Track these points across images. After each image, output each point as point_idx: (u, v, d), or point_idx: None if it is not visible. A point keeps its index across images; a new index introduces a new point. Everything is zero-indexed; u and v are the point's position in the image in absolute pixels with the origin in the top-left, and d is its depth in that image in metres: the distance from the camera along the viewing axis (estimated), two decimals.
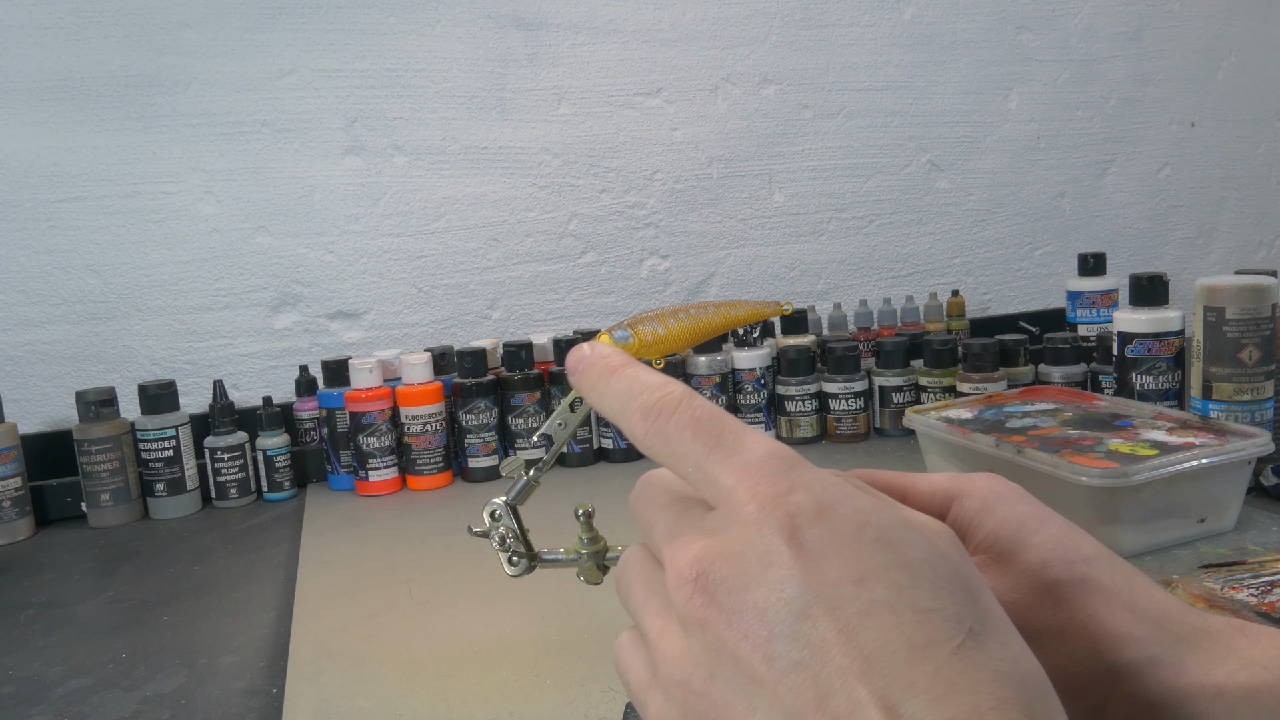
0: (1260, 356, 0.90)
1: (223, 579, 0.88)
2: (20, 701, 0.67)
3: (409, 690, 0.62)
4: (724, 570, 0.26)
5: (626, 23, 1.40)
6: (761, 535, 0.25)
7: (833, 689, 0.23)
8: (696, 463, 0.28)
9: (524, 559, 0.51)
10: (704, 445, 0.28)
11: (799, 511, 0.26)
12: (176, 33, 1.21)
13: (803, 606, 0.24)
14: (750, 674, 0.25)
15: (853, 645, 0.23)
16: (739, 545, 0.26)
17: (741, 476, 0.27)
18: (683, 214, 1.46)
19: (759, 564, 0.25)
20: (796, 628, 0.24)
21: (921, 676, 0.23)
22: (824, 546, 0.25)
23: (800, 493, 0.26)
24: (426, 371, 1.11)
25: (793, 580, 0.24)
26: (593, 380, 0.32)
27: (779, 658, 0.24)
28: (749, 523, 0.26)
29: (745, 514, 0.26)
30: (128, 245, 1.22)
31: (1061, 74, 1.65)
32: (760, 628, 0.24)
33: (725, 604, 0.25)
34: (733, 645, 0.25)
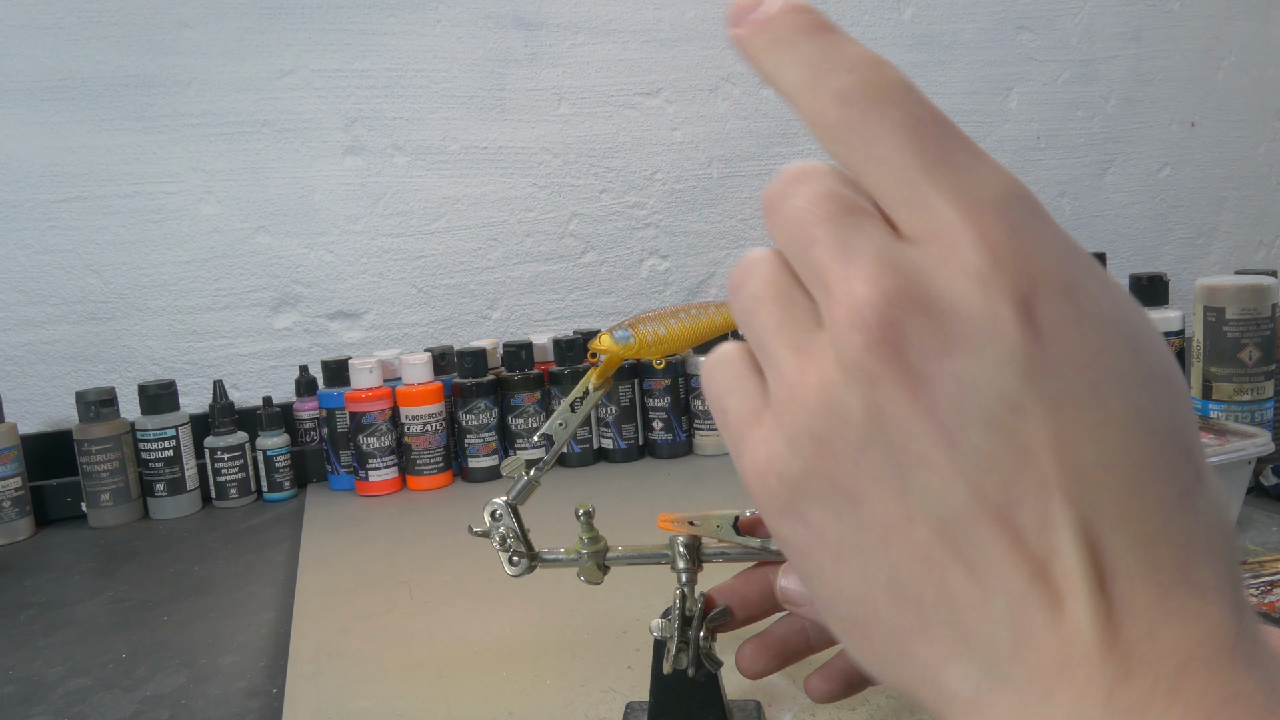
0: (1260, 356, 0.90)
1: (223, 579, 0.88)
2: (20, 701, 0.67)
3: (409, 690, 0.62)
4: (924, 325, 0.20)
5: (626, 23, 1.40)
6: (987, 296, 0.20)
7: (1024, 498, 0.20)
8: (907, 177, 0.22)
9: (524, 559, 0.51)
10: (922, 156, 0.22)
11: (1041, 279, 0.20)
12: (176, 33, 1.21)
13: (1018, 397, 0.20)
14: (920, 454, 0.20)
15: (1068, 456, 0.20)
16: (952, 300, 0.20)
17: (971, 212, 0.21)
18: (683, 214, 1.46)
19: (975, 329, 0.20)
20: (1002, 418, 0.20)
21: (1138, 510, 0.20)
22: (1063, 332, 0.20)
23: (1046, 257, 0.21)
24: (426, 371, 1.11)
25: (1013, 361, 0.20)
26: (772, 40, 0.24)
27: (968, 446, 0.20)
28: (973, 275, 0.20)
29: (969, 262, 0.20)
30: (128, 245, 1.22)
31: (1061, 74, 1.65)
32: (954, 406, 0.20)
33: (915, 366, 0.20)
34: (909, 416, 0.20)
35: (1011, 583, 0.20)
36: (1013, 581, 0.20)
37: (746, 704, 0.53)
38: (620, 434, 1.16)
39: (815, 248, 0.22)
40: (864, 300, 0.21)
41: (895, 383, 0.20)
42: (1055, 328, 0.20)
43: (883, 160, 0.22)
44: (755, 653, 0.44)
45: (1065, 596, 0.19)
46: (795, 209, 0.23)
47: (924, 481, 0.20)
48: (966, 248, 0.20)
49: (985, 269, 0.20)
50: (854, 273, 0.21)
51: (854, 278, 0.21)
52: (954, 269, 0.21)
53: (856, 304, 0.21)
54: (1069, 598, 0.19)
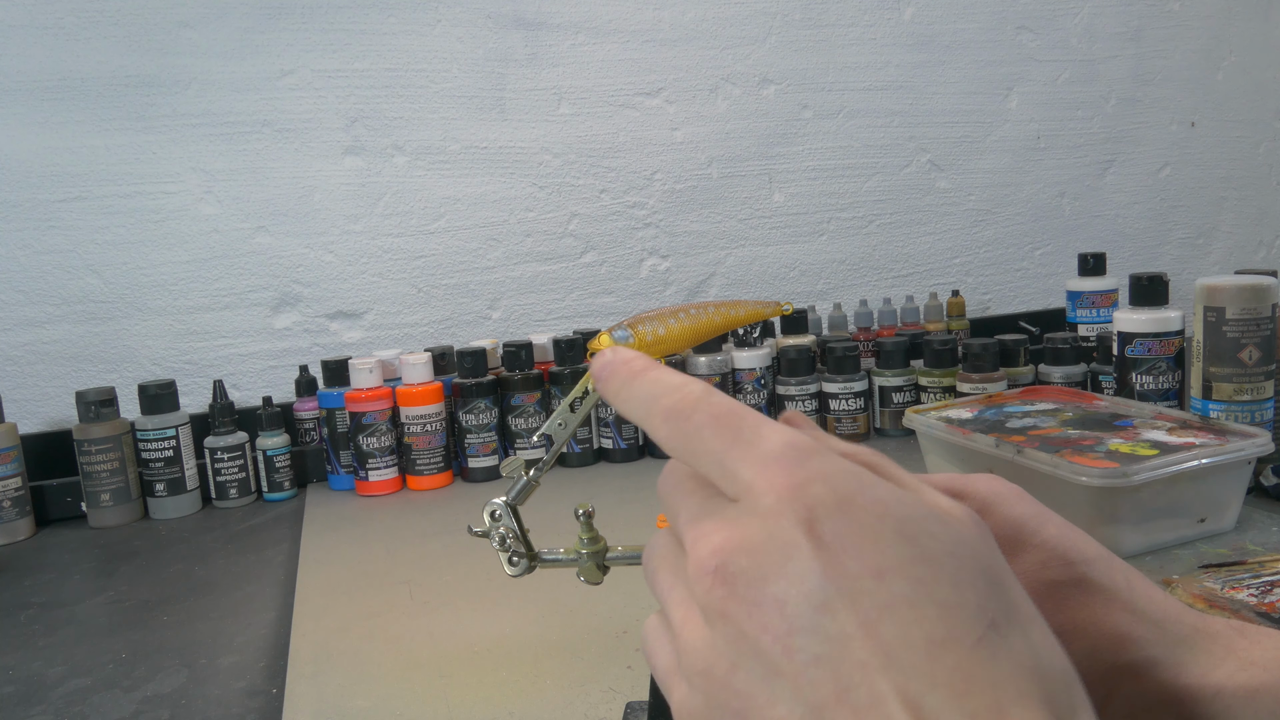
0: (1260, 356, 0.90)
1: (223, 579, 0.88)
2: (20, 701, 0.67)
3: (409, 690, 0.62)
4: (744, 562, 0.25)
5: (626, 23, 1.40)
6: (780, 528, 0.25)
7: (854, 682, 0.23)
8: (718, 459, 0.28)
9: (524, 559, 0.51)
10: (723, 441, 0.28)
11: (817, 503, 0.25)
12: (176, 33, 1.21)
13: (822, 600, 0.24)
14: (771, 666, 0.24)
15: (873, 639, 0.23)
16: (758, 537, 0.25)
17: (760, 469, 0.26)
18: (683, 214, 1.46)
19: (778, 556, 0.25)
20: (816, 621, 0.24)
21: (941, 670, 0.23)
22: (843, 539, 0.25)
23: (818, 484, 0.26)
24: (426, 371, 1.11)
25: (812, 573, 0.24)
26: (617, 386, 0.32)
27: (799, 650, 0.24)
28: (768, 515, 0.26)
29: (764, 506, 0.26)
30: (128, 245, 1.22)
31: (1061, 74, 1.65)
32: (780, 620, 0.24)
33: (745, 596, 0.25)
34: (754, 637, 0.25)
35: None
36: None
37: None
38: (620, 434, 1.16)
39: (677, 519, 0.29)
40: (703, 554, 0.26)
41: (738, 613, 0.25)
42: (837, 538, 0.25)
43: (702, 452, 0.28)
44: None
45: None
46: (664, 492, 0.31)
47: (781, 688, 0.24)
48: (760, 496, 0.26)
49: (774, 507, 0.25)
50: (697, 534, 0.27)
51: (697, 538, 0.27)
52: (756, 514, 0.26)
53: (699, 559, 0.26)
54: None
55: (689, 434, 0.29)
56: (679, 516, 0.29)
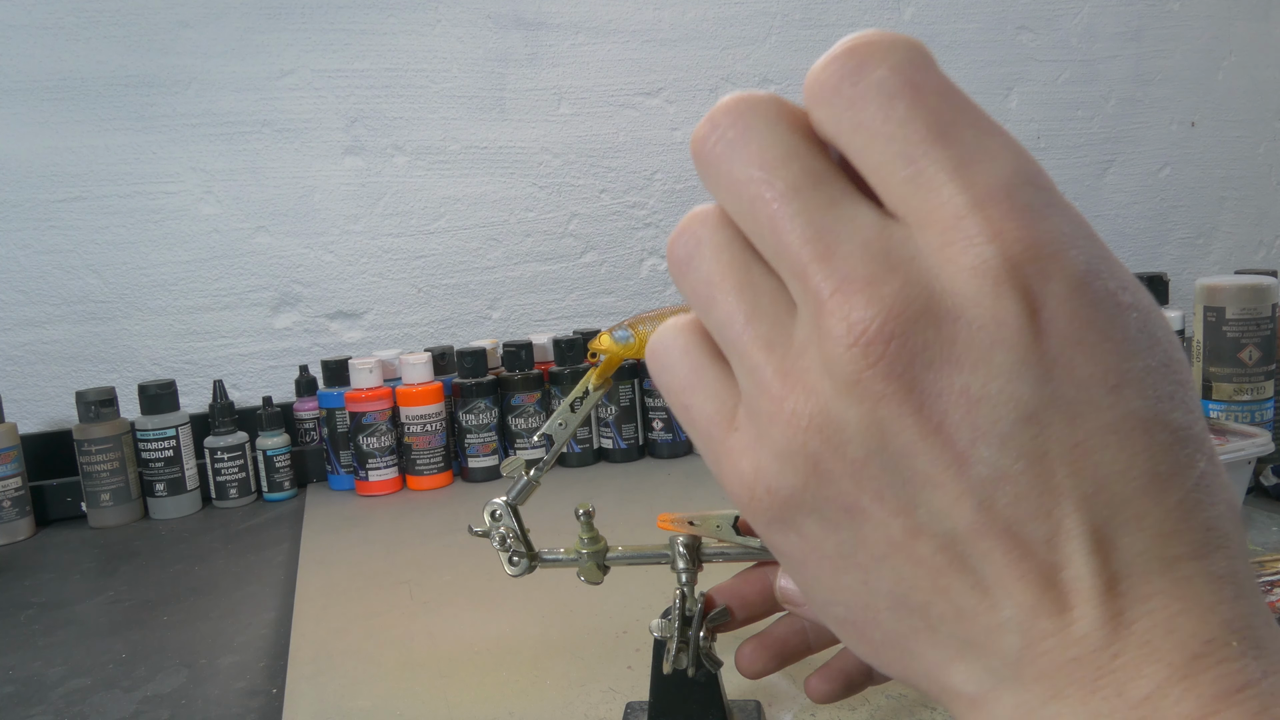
0: (1260, 356, 0.90)
1: (223, 579, 0.88)
2: (20, 701, 0.67)
3: (409, 690, 0.62)
4: (928, 337, 0.19)
5: (626, 23, 1.40)
6: (995, 296, 0.19)
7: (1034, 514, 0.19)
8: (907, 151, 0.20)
9: (524, 559, 0.51)
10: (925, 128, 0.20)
11: (1054, 273, 0.19)
12: (176, 33, 1.21)
13: (1034, 408, 0.19)
14: (926, 473, 0.19)
15: (1086, 465, 0.19)
16: (958, 302, 0.19)
17: (979, 198, 0.19)
18: (683, 214, 1.45)
19: (985, 338, 0.19)
20: (1016, 432, 0.19)
21: (1156, 509, 0.19)
22: (1079, 332, 0.19)
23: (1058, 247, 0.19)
24: (426, 371, 1.11)
25: (1029, 371, 0.19)
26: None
27: (979, 463, 0.19)
28: (980, 272, 0.19)
29: (976, 257, 0.19)
30: (128, 245, 1.22)
31: (1061, 74, 1.65)
32: (965, 422, 0.19)
33: (921, 381, 0.19)
34: (914, 435, 0.19)
35: (1019, 594, 0.19)
36: (1020, 593, 0.19)
37: (746, 704, 0.53)
38: (620, 434, 1.16)
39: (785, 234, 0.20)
40: (862, 315, 0.19)
41: (899, 400, 0.19)
42: (1070, 328, 0.19)
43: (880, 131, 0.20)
44: (755, 653, 0.44)
45: (1074, 602, 0.19)
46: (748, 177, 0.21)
47: (930, 500, 0.20)
48: (974, 239, 0.19)
49: (993, 265, 0.19)
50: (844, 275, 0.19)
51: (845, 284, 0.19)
52: (959, 264, 0.19)
53: (854, 320, 0.19)
54: (1077, 603, 0.19)
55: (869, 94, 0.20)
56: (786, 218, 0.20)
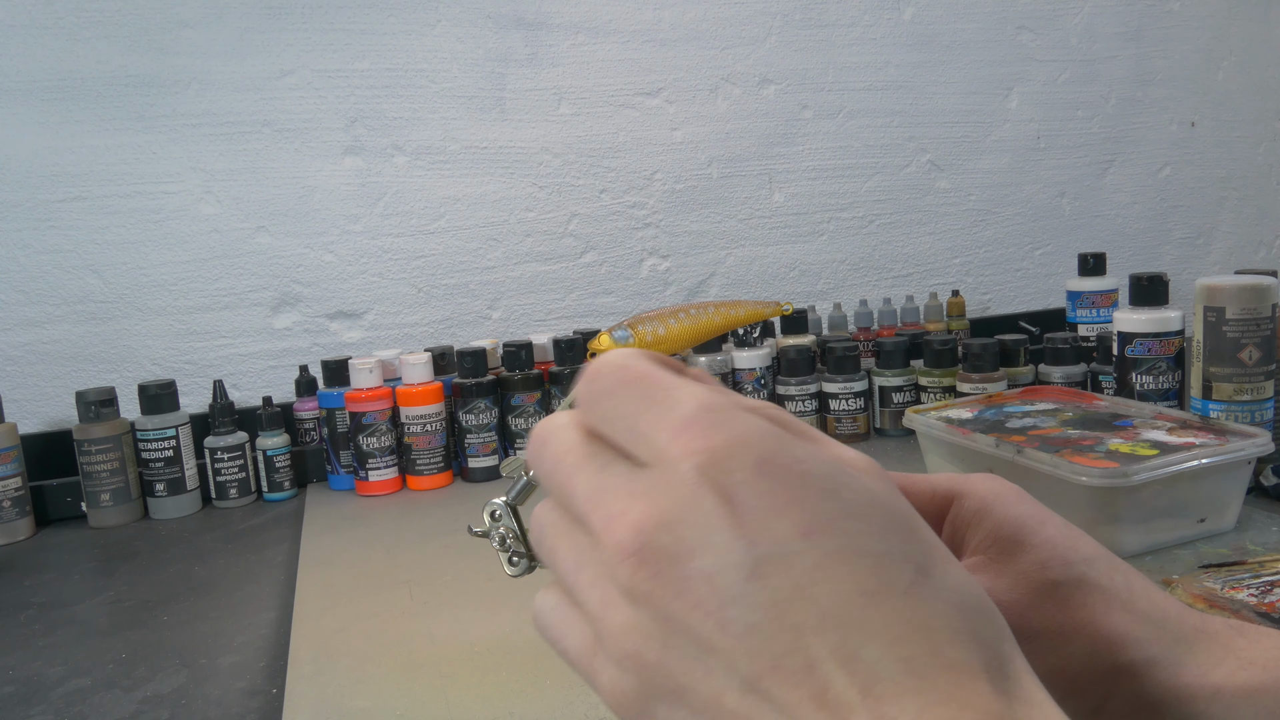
0: (1260, 356, 0.90)
1: (223, 579, 0.88)
2: (20, 701, 0.67)
3: (409, 690, 0.62)
4: (665, 539, 0.24)
5: (626, 23, 1.40)
6: (701, 497, 0.24)
7: (789, 647, 0.23)
8: (629, 424, 0.27)
9: (524, 559, 0.51)
10: (635, 404, 0.27)
11: (737, 468, 0.24)
12: (176, 33, 1.21)
13: (752, 568, 0.24)
14: (705, 643, 0.24)
15: (807, 599, 0.23)
16: (678, 510, 0.25)
17: (674, 434, 0.25)
18: (683, 214, 1.46)
19: (701, 529, 0.24)
20: (747, 590, 0.24)
21: (877, 620, 0.23)
22: (768, 502, 0.24)
23: (736, 448, 0.25)
24: (426, 371, 1.11)
25: (739, 542, 0.24)
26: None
27: (733, 622, 0.24)
28: (684, 484, 0.25)
29: (680, 475, 0.25)
30: (128, 245, 1.22)
31: (1061, 74, 1.65)
32: (710, 595, 0.24)
33: (671, 575, 0.24)
34: (684, 616, 0.24)
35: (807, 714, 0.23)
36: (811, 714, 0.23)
37: None
38: None
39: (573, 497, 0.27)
40: (622, 537, 0.25)
41: (665, 593, 0.24)
42: (759, 501, 0.24)
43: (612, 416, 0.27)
44: None
45: (848, 711, 0.22)
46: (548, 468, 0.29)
47: (716, 662, 0.24)
48: (675, 461, 0.25)
49: (689, 476, 0.25)
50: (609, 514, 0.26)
51: (610, 519, 0.26)
52: (673, 484, 0.25)
53: (618, 541, 0.25)
54: (850, 710, 0.22)
55: (599, 396, 0.28)
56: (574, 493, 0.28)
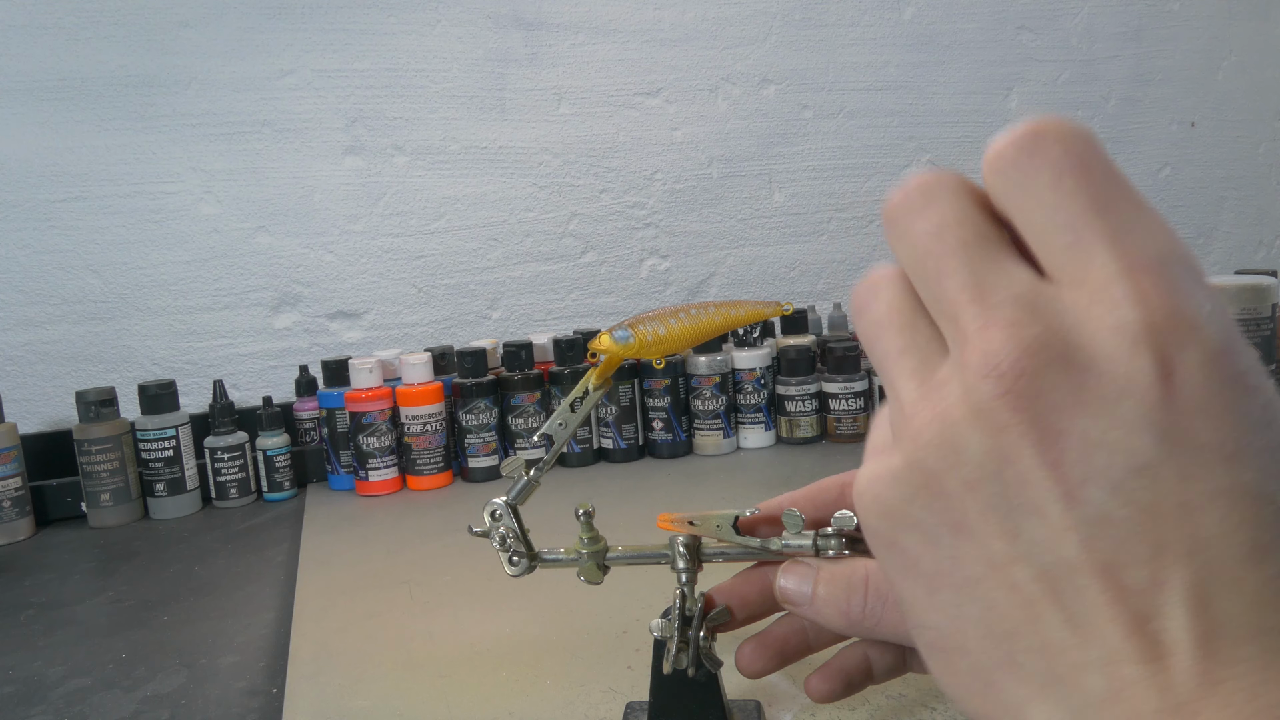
0: (1260, 356, 0.90)
1: (223, 579, 0.88)
2: (20, 701, 0.67)
3: (409, 690, 0.62)
4: (1059, 379, 0.20)
5: (626, 23, 1.40)
6: (1132, 353, 0.20)
7: (1135, 560, 0.20)
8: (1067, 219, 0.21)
9: (524, 559, 0.51)
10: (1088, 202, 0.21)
11: (1190, 342, 0.20)
12: (176, 33, 1.21)
13: (1149, 460, 0.20)
14: (1035, 503, 0.21)
15: (1191, 523, 0.20)
16: (1093, 353, 0.20)
17: (1129, 265, 0.20)
18: (683, 214, 1.46)
19: (1113, 388, 0.20)
20: (1128, 480, 0.20)
21: (1253, 578, 0.20)
22: (1204, 398, 0.20)
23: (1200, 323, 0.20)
24: (426, 371, 1.11)
25: (1150, 427, 0.20)
26: None
27: (1085, 503, 0.20)
28: (1120, 331, 0.20)
29: (1120, 318, 0.20)
30: (128, 245, 1.22)
31: (1061, 74, 1.65)
32: (1080, 462, 0.20)
33: (1045, 419, 0.20)
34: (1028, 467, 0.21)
35: (1109, 634, 0.20)
36: (1111, 633, 0.20)
37: (746, 704, 0.53)
38: (620, 434, 1.16)
39: (946, 280, 0.22)
40: (1000, 350, 0.21)
41: (1022, 433, 0.20)
42: (1196, 393, 0.20)
43: (1041, 197, 0.22)
44: (755, 652, 0.44)
45: (1167, 651, 0.19)
46: (925, 233, 0.23)
47: (1034, 529, 0.21)
48: (1120, 301, 0.20)
49: (1135, 326, 0.20)
50: (991, 317, 0.21)
51: (991, 323, 0.21)
52: (1102, 321, 0.20)
53: (992, 352, 0.21)
54: (1168, 654, 0.19)
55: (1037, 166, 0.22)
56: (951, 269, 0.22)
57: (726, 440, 1.17)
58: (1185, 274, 0.21)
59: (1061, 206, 0.21)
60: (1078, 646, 0.20)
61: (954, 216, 0.23)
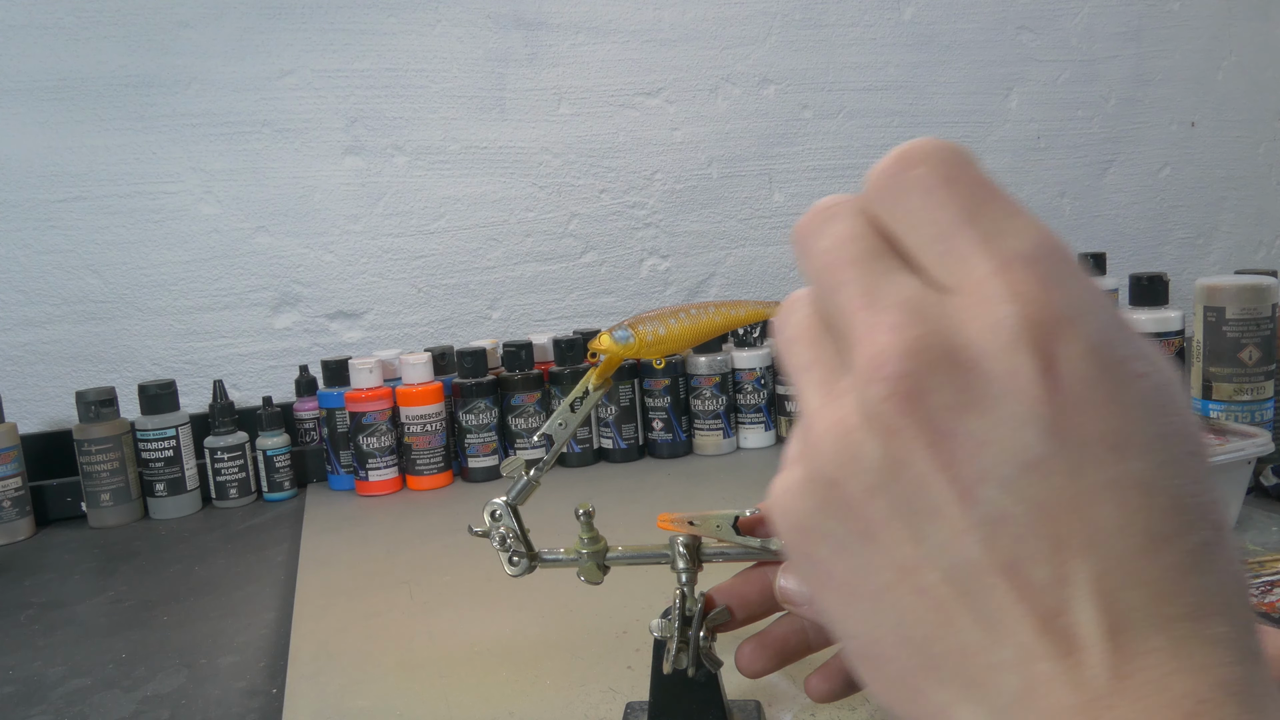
0: (1260, 356, 0.90)
1: (223, 579, 0.88)
2: (20, 701, 0.67)
3: (409, 690, 0.62)
4: (946, 380, 0.20)
5: (626, 23, 1.40)
6: (1011, 350, 0.20)
7: (1036, 556, 0.20)
8: (941, 229, 0.22)
9: (524, 559, 0.51)
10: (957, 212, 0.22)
11: (1069, 335, 0.20)
12: (176, 33, 1.21)
13: (1038, 456, 0.20)
14: (932, 507, 0.21)
15: (1084, 517, 0.20)
16: (974, 352, 0.20)
17: (1003, 264, 0.21)
18: (683, 214, 1.46)
19: (996, 386, 0.20)
20: (1019, 477, 0.20)
21: (1153, 568, 0.20)
22: (1087, 391, 0.20)
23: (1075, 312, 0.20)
24: (426, 371, 1.11)
25: (1035, 423, 0.20)
26: None
27: (982, 503, 0.20)
28: (999, 329, 0.20)
29: (997, 316, 0.20)
30: (128, 245, 1.22)
31: (1061, 74, 1.65)
32: (971, 461, 0.20)
33: (933, 421, 0.20)
34: (923, 469, 0.21)
35: (1020, 633, 0.20)
36: (1021, 631, 0.20)
37: (746, 704, 0.53)
38: (620, 434, 1.16)
39: (842, 291, 0.23)
40: (886, 351, 0.21)
41: (914, 435, 0.21)
42: (1078, 385, 0.20)
43: (920, 214, 0.22)
44: (755, 652, 0.44)
45: (1077, 647, 0.20)
46: (824, 250, 0.24)
47: (936, 532, 0.21)
48: (995, 300, 0.20)
49: (1011, 322, 0.20)
50: (878, 320, 0.21)
51: (878, 326, 0.21)
52: (981, 321, 0.21)
53: (878, 354, 0.21)
54: (1082, 648, 0.19)
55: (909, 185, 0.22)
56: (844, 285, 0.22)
57: (726, 440, 1.17)
58: (1060, 268, 0.21)
59: (933, 219, 0.22)
60: (990, 647, 0.20)
61: (849, 234, 0.23)
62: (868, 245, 0.23)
